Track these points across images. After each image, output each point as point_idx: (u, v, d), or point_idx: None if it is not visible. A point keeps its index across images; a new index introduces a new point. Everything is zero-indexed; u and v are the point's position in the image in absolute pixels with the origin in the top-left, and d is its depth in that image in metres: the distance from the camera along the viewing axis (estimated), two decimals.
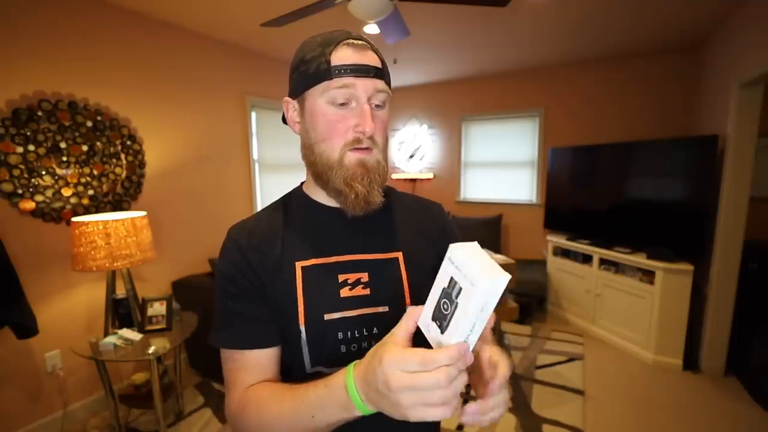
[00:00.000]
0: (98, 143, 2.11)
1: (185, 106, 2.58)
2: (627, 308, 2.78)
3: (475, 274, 0.38)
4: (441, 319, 0.42)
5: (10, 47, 1.78)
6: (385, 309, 0.61)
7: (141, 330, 1.91)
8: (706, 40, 2.86)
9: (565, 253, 3.36)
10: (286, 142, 3.46)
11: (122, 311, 1.96)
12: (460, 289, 0.40)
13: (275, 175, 3.37)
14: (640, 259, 2.65)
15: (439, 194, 4.44)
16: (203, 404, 2.22)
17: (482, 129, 4.17)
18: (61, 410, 2.02)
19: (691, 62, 3.07)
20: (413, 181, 4.59)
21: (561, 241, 3.34)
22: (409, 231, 0.68)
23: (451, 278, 0.41)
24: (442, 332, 0.41)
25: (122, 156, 2.22)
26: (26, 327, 1.72)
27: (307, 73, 0.58)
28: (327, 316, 0.58)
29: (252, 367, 0.57)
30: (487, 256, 0.41)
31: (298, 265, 0.60)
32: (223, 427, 2.03)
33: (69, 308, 2.04)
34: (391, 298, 0.61)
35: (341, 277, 0.60)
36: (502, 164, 4.10)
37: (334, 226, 0.64)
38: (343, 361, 0.55)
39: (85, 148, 2.05)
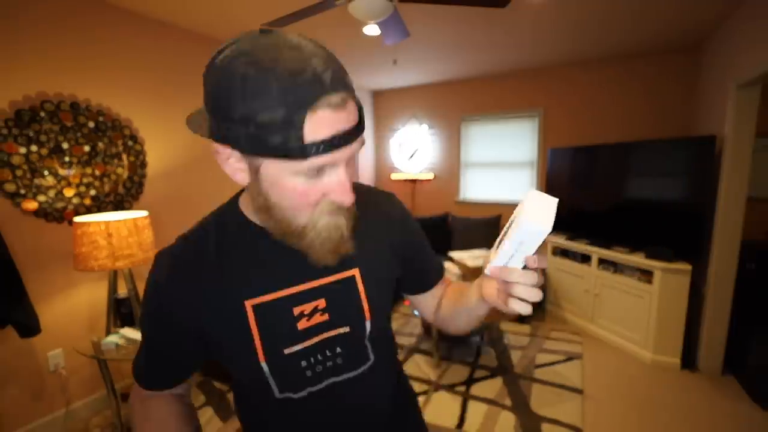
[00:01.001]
0: (100, 144, 2.12)
1: (187, 106, 2.59)
2: (625, 308, 2.80)
3: (525, 215, 0.45)
4: (498, 245, 0.51)
5: (13, 48, 1.79)
6: (347, 329, 0.59)
7: None
8: (705, 41, 2.88)
9: (564, 253, 3.37)
10: None
11: (124, 311, 1.97)
12: (512, 222, 0.49)
13: None
14: (638, 259, 2.66)
15: (438, 194, 4.45)
16: (204, 403, 2.24)
17: (482, 129, 4.18)
18: (63, 409, 2.03)
19: (689, 62, 3.08)
20: (413, 181, 4.61)
21: (560, 240, 3.35)
22: (366, 240, 0.61)
23: (514, 215, 0.49)
24: (493, 256, 0.50)
25: (124, 156, 2.23)
26: (29, 326, 1.74)
27: (264, 143, 0.43)
28: (287, 351, 0.55)
29: (161, 392, 0.62)
30: (548, 208, 0.47)
31: (248, 303, 0.53)
32: (224, 426, 2.04)
33: (71, 307, 2.05)
34: (352, 316, 0.60)
35: (297, 310, 0.55)
36: (502, 164, 4.11)
37: (282, 253, 0.55)
38: (311, 382, 0.59)
39: (87, 148, 2.06)
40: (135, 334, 1.86)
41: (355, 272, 0.60)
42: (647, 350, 2.64)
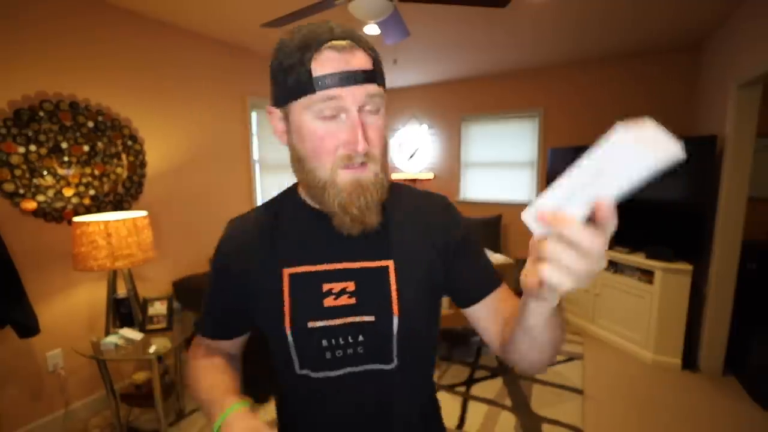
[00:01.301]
0: (99, 143, 2.11)
1: (186, 106, 2.59)
2: (626, 308, 2.79)
3: (624, 132, 0.27)
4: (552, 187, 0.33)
5: (12, 47, 1.79)
6: (371, 318, 0.59)
7: (142, 329, 1.92)
8: (705, 40, 2.87)
9: None
10: None
11: (123, 311, 1.96)
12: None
13: (275, 175, 3.38)
14: (639, 259, 2.66)
15: None
16: None
17: (482, 129, 4.18)
18: (62, 409, 2.02)
19: (690, 62, 3.08)
20: (413, 181, 4.60)
21: None
22: (406, 235, 0.63)
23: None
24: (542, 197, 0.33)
25: (123, 156, 2.23)
26: (28, 326, 1.73)
27: (287, 84, 0.52)
28: (311, 324, 0.58)
29: (210, 347, 0.69)
30: (647, 137, 0.28)
31: (286, 271, 0.59)
32: None
33: (70, 308, 2.05)
34: (378, 307, 0.59)
35: (326, 287, 0.59)
36: (502, 164, 4.11)
37: (325, 232, 0.60)
38: (330, 366, 0.59)
39: (86, 148, 2.06)
40: (134, 335, 1.85)
41: (389, 264, 0.60)
42: (648, 350, 2.63)
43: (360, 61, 0.52)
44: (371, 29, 2.51)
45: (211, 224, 2.80)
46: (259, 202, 3.21)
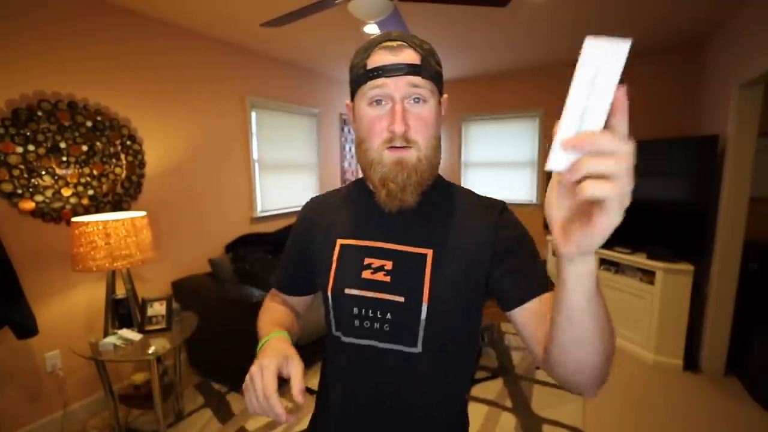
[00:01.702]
0: (98, 143, 2.10)
1: (185, 105, 2.58)
2: (627, 308, 2.78)
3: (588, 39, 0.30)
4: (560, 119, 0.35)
5: (10, 47, 1.78)
6: (401, 299, 0.62)
7: (141, 330, 1.91)
8: (707, 40, 2.86)
9: None
10: (286, 142, 3.46)
11: (122, 311, 1.95)
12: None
13: (275, 175, 3.37)
14: (640, 259, 2.65)
15: None
16: (203, 404, 2.22)
17: (482, 129, 4.17)
18: (60, 410, 2.01)
19: (691, 62, 3.07)
20: None
21: None
22: (451, 230, 0.65)
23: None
24: (556, 130, 0.34)
25: (122, 156, 2.22)
26: (26, 327, 1.72)
27: (352, 79, 0.65)
28: (347, 291, 0.65)
29: (280, 299, 0.82)
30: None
31: (339, 242, 0.69)
32: (223, 428, 2.02)
33: (69, 308, 2.04)
34: (409, 290, 0.62)
35: (366, 260, 0.66)
36: (502, 164, 4.10)
37: (377, 214, 0.67)
38: (357, 333, 0.65)
39: (84, 148, 2.05)
40: (133, 335, 1.84)
41: (429, 252, 0.64)
42: (649, 351, 2.62)
43: (407, 56, 0.59)
44: (371, 29, 2.50)
45: (210, 224, 2.79)
46: (259, 201, 3.20)
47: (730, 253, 2.35)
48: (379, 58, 0.60)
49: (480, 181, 4.23)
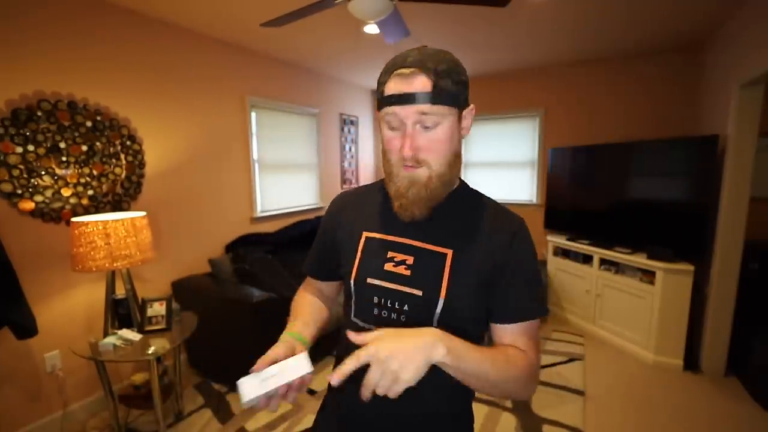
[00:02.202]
0: (98, 143, 2.10)
1: (185, 106, 2.58)
2: (627, 308, 2.78)
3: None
4: None
5: (10, 47, 1.78)
6: (419, 293, 0.67)
7: (140, 330, 1.91)
8: (707, 40, 2.86)
9: (565, 253, 3.36)
10: (286, 142, 3.46)
11: (122, 311, 1.95)
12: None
13: (275, 175, 3.37)
14: (640, 260, 2.65)
15: None
16: (203, 405, 2.22)
17: (482, 129, 4.17)
18: (60, 411, 2.01)
19: (691, 62, 3.06)
20: None
21: (561, 241, 3.34)
22: (470, 237, 0.70)
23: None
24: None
25: (122, 156, 2.22)
26: (26, 327, 1.72)
27: (377, 98, 0.69)
28: (369, 280, 0.70)
29: (312, 285, 0.89)
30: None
31: (364, 234, 0.75)
32: (223, 428, 2.02)
33: (68, 308, 2.04)
34: (428, 285, 0.67)
35: (390, 254, 0.71)
36: (502, 164, 4.10)
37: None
38: (374, 320, 0.70)
39: (84, 148, 2.05)
40: (133, 336, 1.84)
41: (449, 252, 0.68)
42: (649, 351, 2.62)
43: (419, 84, 0.62)
44: (371, 29, 2.50)
45: (210, 224, 2.79)
46: (259, 201, 3.20)
47: (730, 253, 2.35)
48: (393, 86, 0.64)
49: (480, 181, 4.23)
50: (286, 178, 3.49)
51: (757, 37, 2.07)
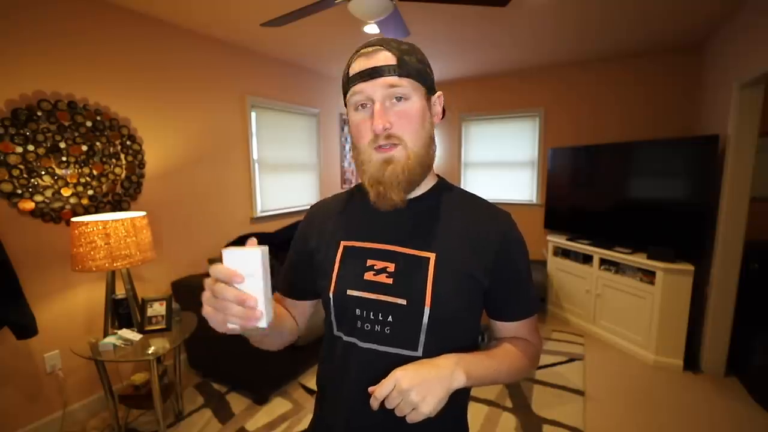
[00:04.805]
0: (98, 143, 2.10)
1: (185, 106, 2.58)
2: (627, 308, 2.78)
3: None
4: None
5: (10, 47, 1.78)
6: (403, 302, 0.62)
7: (140, 330, 1.91)
8: (707, 40, 2.86)
9: (565, 253, 3.36)
10: (286, 142, 3.46)
11: (122, 311, 1.95)
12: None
13: (275, 175, 3.37)
14: (640, 260, 2.65)
15: None
16: (203, 405, 2.22)
17: (482, 129, 4.17)
18: (60, 411, 2.01)
19: (691, 62, 3.07)
20: None
21: (561, 241, 3.33)
22: (454, 236, 0.66)
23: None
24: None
25: (122, 156, 2.22)
26: (25, 327, 1.72)
27: (342, 87, 0.67)
28: (349, 292, 0.65)
29: (285, 304, 0.80)
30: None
31: (342, 243, 0.70)
32: (223, 428, 2.02)
33: (68, 308, 2.04)
34: (412, 293, 0.62)
35: (369, 262, 0.66)
36: (502, 164, 4.10)
37: (380, 216, 0.68)
38: (357, 335, 0.65)
39: (84, 148, 2.05)
40: (133, 336, 1.84)
41: (431, 256, 0.64)
42: (649, 351, 2.62)
43: (382, 58, 0.61)
44: (371, 28, 2.50)
45: (210, 224, 2.79)
46: (259, 201, 3.20)
47: (730, 253, 2.35)
48: (357, 65, 0.62)
49: (480, 181, 4.23)
50: (286, 178, 3.49)
51: (757, 37, 2.07)
